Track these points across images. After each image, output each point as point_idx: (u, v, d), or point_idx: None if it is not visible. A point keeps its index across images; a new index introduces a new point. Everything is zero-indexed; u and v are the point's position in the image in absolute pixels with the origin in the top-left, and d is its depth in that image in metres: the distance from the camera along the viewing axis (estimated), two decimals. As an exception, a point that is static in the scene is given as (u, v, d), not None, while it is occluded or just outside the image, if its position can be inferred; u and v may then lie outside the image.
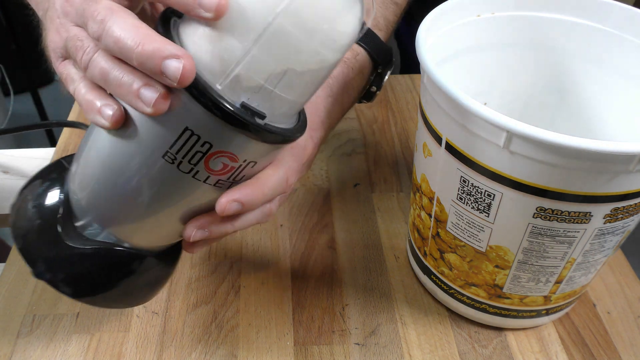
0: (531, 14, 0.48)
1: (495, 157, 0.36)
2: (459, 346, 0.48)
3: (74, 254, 0.36)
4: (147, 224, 0.35)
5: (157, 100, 0.28)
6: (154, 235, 0.37)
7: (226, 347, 0.47)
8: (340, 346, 0.47)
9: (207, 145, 0.31)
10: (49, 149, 0.69)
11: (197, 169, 0.32)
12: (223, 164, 0.32)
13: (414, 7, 0.60)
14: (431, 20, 0.43)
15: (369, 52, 0.48)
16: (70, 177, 0.37)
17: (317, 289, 0.52)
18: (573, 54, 0.49)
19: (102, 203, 0.35)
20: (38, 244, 0.37)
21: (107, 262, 0.37)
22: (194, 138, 0.30)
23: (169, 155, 0.31)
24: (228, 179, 0.33)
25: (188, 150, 0.31)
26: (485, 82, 0.51)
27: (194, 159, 0.31)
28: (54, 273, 0.37)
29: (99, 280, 0.38)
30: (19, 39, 1.65)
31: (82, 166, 0.36)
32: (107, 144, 0.33)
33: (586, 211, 0.36)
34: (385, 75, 0.49)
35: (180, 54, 0.27)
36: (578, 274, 0.43)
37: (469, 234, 0.42)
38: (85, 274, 0.37)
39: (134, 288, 0.40)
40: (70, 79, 0.35)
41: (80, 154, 0.36)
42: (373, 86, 0.50)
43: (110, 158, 0.33)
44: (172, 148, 0.31)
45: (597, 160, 0.33)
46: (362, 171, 0.65)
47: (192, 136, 0.30)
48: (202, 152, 0.31)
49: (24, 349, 0.47)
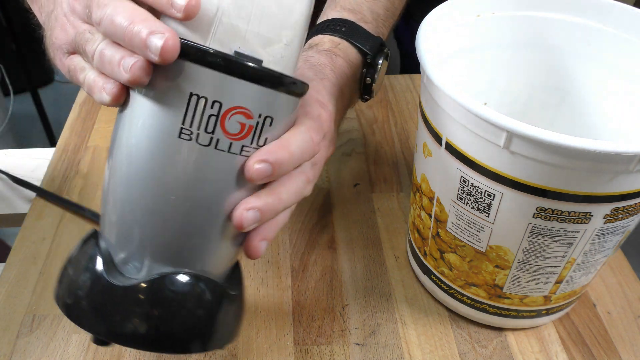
0: (531, 14, 0.48)
1: (495, 157, 0.36)
2: (459, 346, 0.48)
3: (135, 295, 0.33)
4: (189, 229, 0.33)
5: (134, 66, 0.30)
6: (203, 245, 0.34)
7: (226, 347, 0.47)
8: (340, 346, 0.47)
9: (216, 104, 0.30)
10: (49, 149, 0.69)
11: (216, 136, 0.31)
12: (239, 123, 0.31)
13: (413, 7, 0.60)
14: (431, 20, 0.43)
15: (351, 42, 0.48)
16: (102, 226, 0.35)
17: (317, 289, 0.52)
18: (573, 54, 0.49)
19: (141, 229, 0.33)
20: (95, 303, 0.34)
21: (169, 293, 0.33)
22: (202, 101, 0.30)
23: (184, 132, 0.31)
24: (251, 143, 0.32)
25: (200, 117, 0.30)
26: (485, 82, 0.51)
27: (209, 126, 0.31)
28: (125, 322, 0.33)
29: (175, 315, 0.33)
30: (19, 39, 1.65)
31: (110, 203, 0.34)
32: (125, 159, 0.33)
33: (586, 211, 0.36)
34: (378, 65, 0.49)
35: (163, 30, 0.28)
36: (578, 274, 0.43)
37: (469, 234, 0.42)
38: (157, 312, 0.33)
39: (212, 315, 0.35)
40: (80, 68, 0.36)
41: (106, 198, 0.34)
42: (367, 77, 0.50)
43: (133, 166, 0.33)
44: (184, 122, 0.30)
45: (597, 160, 0.33)
46: (362, 171, 0.65)
47: (200, 100, 0.30)
48: (214, 114, 0.31)
49: (23, 349, 0.47)
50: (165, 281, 0.33)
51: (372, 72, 0.49)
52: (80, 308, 0.34)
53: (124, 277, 0.34)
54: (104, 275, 0.33)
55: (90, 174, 0.63)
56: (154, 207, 0.32)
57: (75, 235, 0.57)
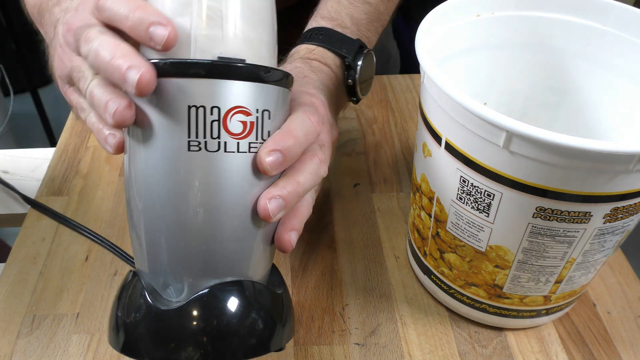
0: (531, 14, 0.48)
1: (495, 157, 0.36)
2: (459, 346, 0.48)
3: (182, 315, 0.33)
4: (221, 237, 0.34)
5: (117, 112, 0.31)
6: (237, 249, 0.34)
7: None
8: (340, 346, 0.47)
9: (215, 110, 0.32)
10: (49, 149, 0.69)
11: (222, 139, 0.32)
12: (241, 122, 0.32)
13: (413, 7, 0.60)
14: (431, 20, 0.43)
15: (326, 47, 0.50)
16: (137, 261, 0.36)
17: (317, 289, 0.52)
18: (573, 54, 0.49)
19: (177, 249, 0.34)
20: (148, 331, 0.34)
21: (221, 303, 0.34)
22: (201, 111, 0.31)
23: (192, 144, 0.32)
24: (256, 139, 0.33)
25: (203, 126, 0.32)
26: (485, 82, 0.51)
27: (214, 132, 0.32)
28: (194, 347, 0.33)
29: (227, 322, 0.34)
30: (19, 39, 1.65)
31: (142, 235, 0.35)
32: (143, 186, 0.34)
33: (586, 211, 0.36)
34: (357, 66, 0.50)
35: (140, 65, 0.30)
36: (578, 273, 0.43)
37: (468, 233, 0.42)
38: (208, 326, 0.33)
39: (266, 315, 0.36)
40: (80, 107, 0.39)
41: (135, 233, 0.35)
42: (349, 79, 0.51)
43: (153, 192, 0.33)
44: (190, 135, 0.32)
45: (597, 160, 0.33)
46: (362, 171, 0.65)
47: (199, 110, 0.31)
48: (216, 119, 0.32)
49: (24, 349, 0.47)
50: (215, 293, 0.34)
51: (353, 74, 0.50)
52: (144, 343, 0.34)
53: (170, 301, 0.34)
54: (154, 304, 0.34)
55: (90, 174, 0.64)
56: (184, 225, 0.33)
57: (75, 236, 0.57)
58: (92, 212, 0.59)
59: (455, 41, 0.47)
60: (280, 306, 0.37)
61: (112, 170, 0.64)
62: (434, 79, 0.36)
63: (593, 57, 0.48)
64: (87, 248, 0.56)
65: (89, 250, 0.55)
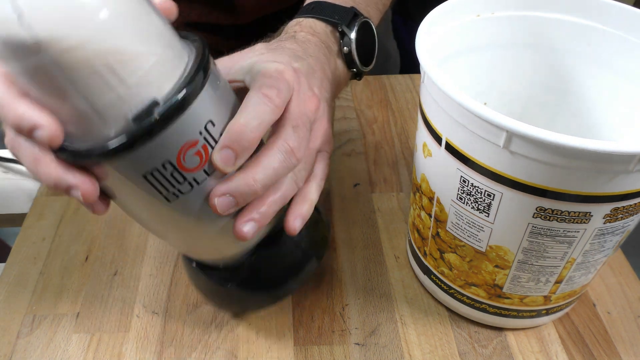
0: (531, 14, 0.48)
1: (495, 157, 0.36)
2: (459, 346, 0.48)
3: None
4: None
5: (86, 196, 0.31)
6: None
7: (226, 347, 0.47)
8: (340, 346, 0.47)
9: (167, 164, 0.31)
10: (49, 149, 0.69)
11: (189, 178, 0.32)
12: (194, 154, 0.32)
13: (413, 7, 0.60)
14: (431, 20, 0.43)
15: (316, 17, 0.47)
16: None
17: (317, 289, 0.52)
18: (573, 54, 0.49)
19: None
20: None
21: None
22: (156, 172, 0.31)
23: (168, 197, 0.33)
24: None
25: (167, 180, 0.32)
26: (485, 82, 0.51)
27: (178, 178, 0.32)
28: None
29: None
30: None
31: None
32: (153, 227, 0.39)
33: (586, 211, 0.36)
34: (351, 32, 0.47)
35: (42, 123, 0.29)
36: (578, 273, 0.43)
37: (468, 233, 0.42)
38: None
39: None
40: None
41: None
42: (344, 47, 0.48)
43: (161, 229, 0.38)
44: (162, 192, 0.33)
45: (597, 160, 0.33)
46: (362, 171, 0.65)
47: (154, 172, 0.31)
48: (172, 169, 0.31)
49: (24, 349, 0.47)
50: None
51: (348, 41, 0.47)
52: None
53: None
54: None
55: (90, 174, 0.63)
56: (188, 241, 0.39)
57: (75, 236, 0.57)
58: (92, 212, 0.59)
59: (455, 41, 0.47)
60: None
61: (112, 170, 0.64)
62: (434, 79, 0.36)
63: (593, 57, 0.48)
64: (87, 248, 0.56)
65: (89, 250, 0.55)
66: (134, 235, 0.57)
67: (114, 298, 0.51)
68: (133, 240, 0.56)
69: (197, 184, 0.33)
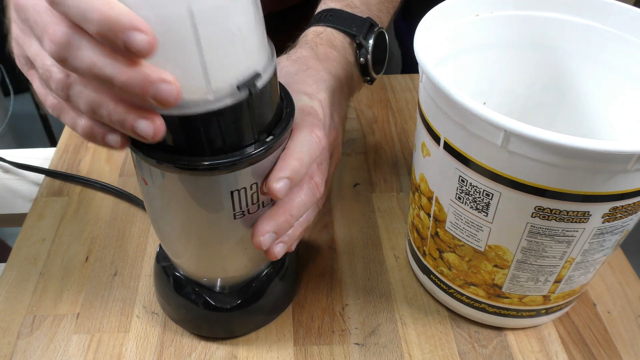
0: (530, 14, 0.48)
1: (493, 157, 0.36)
2: (459, 346, 0.48)
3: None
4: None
5: (157, 126, 0.29)
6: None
7: (226, 347, 0.47)
8: (340, 346, 0.47)
9: (254, 185, 0.35)
10: (50, 149, 0.69)
11: (260, 200, 0.36)
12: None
13: (414, 7, 0.60)
14: (430, 20, 0.43)
15: (334, 27, 0.49)
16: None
17: (317, 289, 0.52)
18: (573, 53, 0.49)
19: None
20: None
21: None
22: (242, 191, 0.35)
23: (237, 215, 0.36)
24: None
25: (246, 199, 0.35)
26: (485, 82, 0.51)
27: (254, 199, 0.36)
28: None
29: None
30: (20, 39, 1.65)
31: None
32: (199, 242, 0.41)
33: (585, 210, 0.36)
34: (368, 44, 0.49)
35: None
36: (577, 273, 0.43)
37: (467, 233, 0.42)
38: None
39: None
40: (53, 107, 0.35)
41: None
42: (361, 58, 0.50)
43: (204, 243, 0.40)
44: (235, 209, 0.36)
45: (596, 160, 0.33)
46: (362, 171, 0.65)
47: (240, 191, 0.35)
48: (255, 190, 0.35)
49: (24, 350, 0.47)
50: None
51: (365, 53, 0.50)
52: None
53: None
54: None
55: (90, 175, 0.64)
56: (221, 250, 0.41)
57: (75, 235, 0.57)
58: (92, 212, 0.59)
59: (454, 41, 0.47)
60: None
61: (112, 170, 0.64)
62: (433, 78, 0.36)
63: (593, 57, 0.48)
64: (87, 248, 0.56)
65: (89, 251, 0.55)
66: (134, 235, 0.57)
67: (114, 298, 0.51)
68: (133, 240, 0.56)
69: (262, 207, 0.37)
